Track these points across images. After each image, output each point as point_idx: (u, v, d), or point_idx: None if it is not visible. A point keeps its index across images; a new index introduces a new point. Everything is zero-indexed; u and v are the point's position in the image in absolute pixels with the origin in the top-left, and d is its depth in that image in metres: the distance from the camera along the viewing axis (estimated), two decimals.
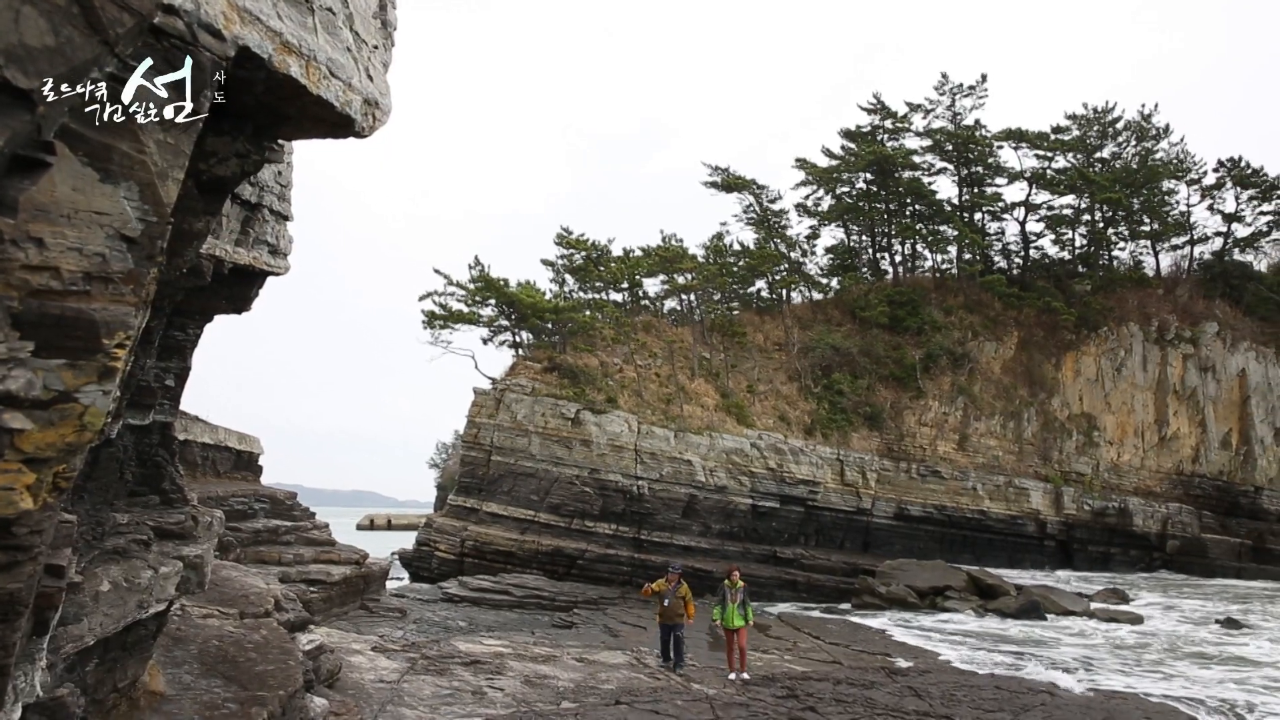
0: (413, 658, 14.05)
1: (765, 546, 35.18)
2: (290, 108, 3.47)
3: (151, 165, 2.74)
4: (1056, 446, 45.86)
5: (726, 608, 14.24)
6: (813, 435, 39.21)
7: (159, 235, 2.81)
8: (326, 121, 3.61)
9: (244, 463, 25.56)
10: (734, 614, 14.15)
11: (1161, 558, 44.60)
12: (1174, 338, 49.60)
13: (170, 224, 2.89)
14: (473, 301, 38.87)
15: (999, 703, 13.07)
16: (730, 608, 14.18)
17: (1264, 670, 18.34)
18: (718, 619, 14.39)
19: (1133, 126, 54.41)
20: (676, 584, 14.44)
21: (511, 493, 33.72)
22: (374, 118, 3.80)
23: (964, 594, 29.77)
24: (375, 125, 3.82)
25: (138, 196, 2.73)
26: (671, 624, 14.36)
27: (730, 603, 14.21)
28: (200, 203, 3.70)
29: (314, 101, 3.42)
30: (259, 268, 6.84)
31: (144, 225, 2.74)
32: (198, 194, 3.64)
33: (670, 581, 14.50)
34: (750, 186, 50.14)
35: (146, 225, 2.75)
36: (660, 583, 14.65)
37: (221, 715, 5.52)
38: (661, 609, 14.41)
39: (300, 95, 3.36)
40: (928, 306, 46.73)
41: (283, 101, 3.41)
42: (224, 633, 7.35)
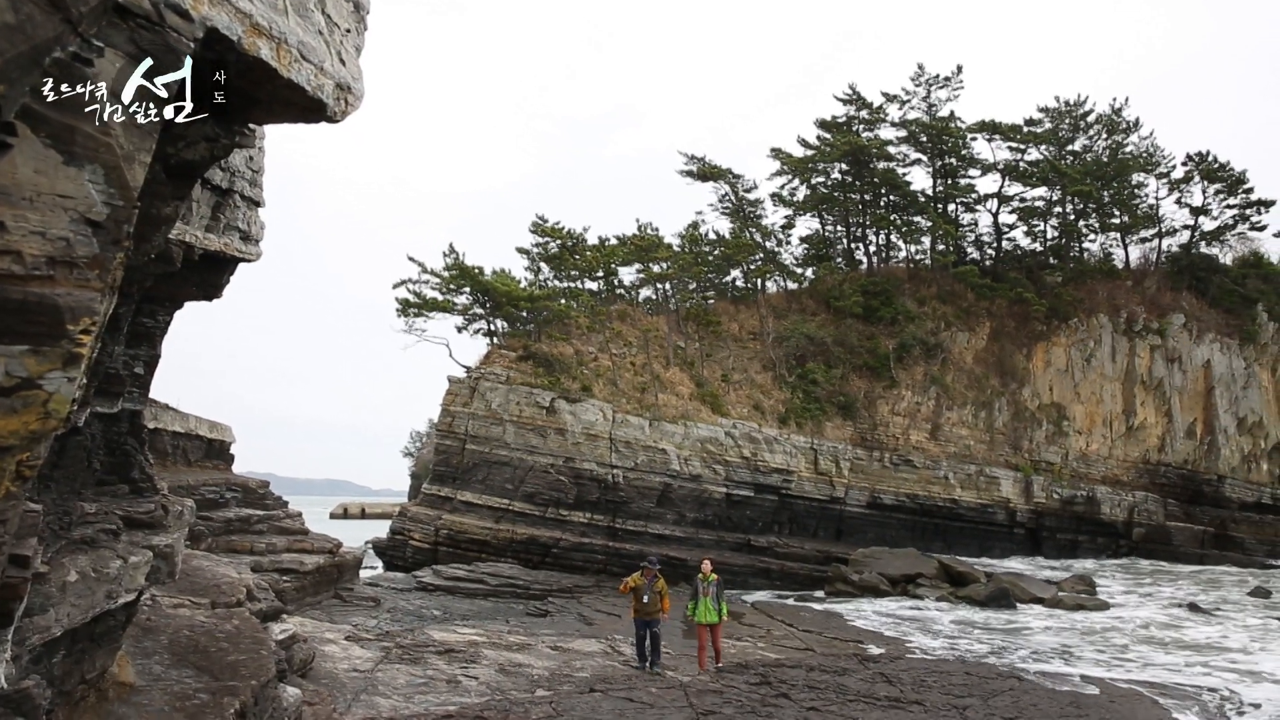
0: (387, 647, 14.00)
1: (739, 535, 35.36)
2: (261, 91, 3.42)
3: (117, 148, 2.68)
4: (1027, 436, 46.43)
5: (700, 602, 13.82)
6: (787, 424, 39.41)
7: (125, 219, 2.75)
8: (298, 106, 3.56)
9: (215, 451, 25.31)
10: (708, 609, 13.77)
11: (1127, 545, 45.34)
12: (1142, 329, 50.31)
13: (137, 208, 2.84)
14: (447, 289, 38.66)
15: (968, 688, 13.25)
16: (704, 602, 13.78)
17: (1225, 655, 18.72)
18: (692, 614, 14.01)
19: (1104, 120, 55.01)
20: (653, 579, 13.83)
21: (486, 481, 33.64)
22: (346, 102, 3.75)
23: (935, 581, 30.09)
24: (348, 110, 3.77)
25: (103, 180, 2.68)
26: (649, 620, 13.71)
27: (703, 597, 13.81)
28: (169, 187, 3.64)
29: (285, 85, 3.37)
30: (230, 254, 6.76)
31: (110, 209, 2.69)
32: (166, 178, 3.58)
33: (647, 576, 13.88)
34: (726, 176, 50.16)
35: (112, 209, 2.69)
36: (636, 577, 13.97)
37: (193, 706, 5.47)
38: (638, 605, 13.74)
39: (271, 79, 3.31)
40: (901, 297, 47.06)
41: (253, 85, 3.35)
42: (195, 623, 7.28)
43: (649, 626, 13.68)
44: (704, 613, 13.78)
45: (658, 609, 13.68)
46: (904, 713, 11.59)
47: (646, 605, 13.60)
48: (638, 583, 13.80)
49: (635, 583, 13.84)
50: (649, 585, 13.69)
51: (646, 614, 13.65)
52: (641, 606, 13.65)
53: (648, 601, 13.59)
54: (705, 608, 13.78)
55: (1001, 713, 11.89)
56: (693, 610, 13.93)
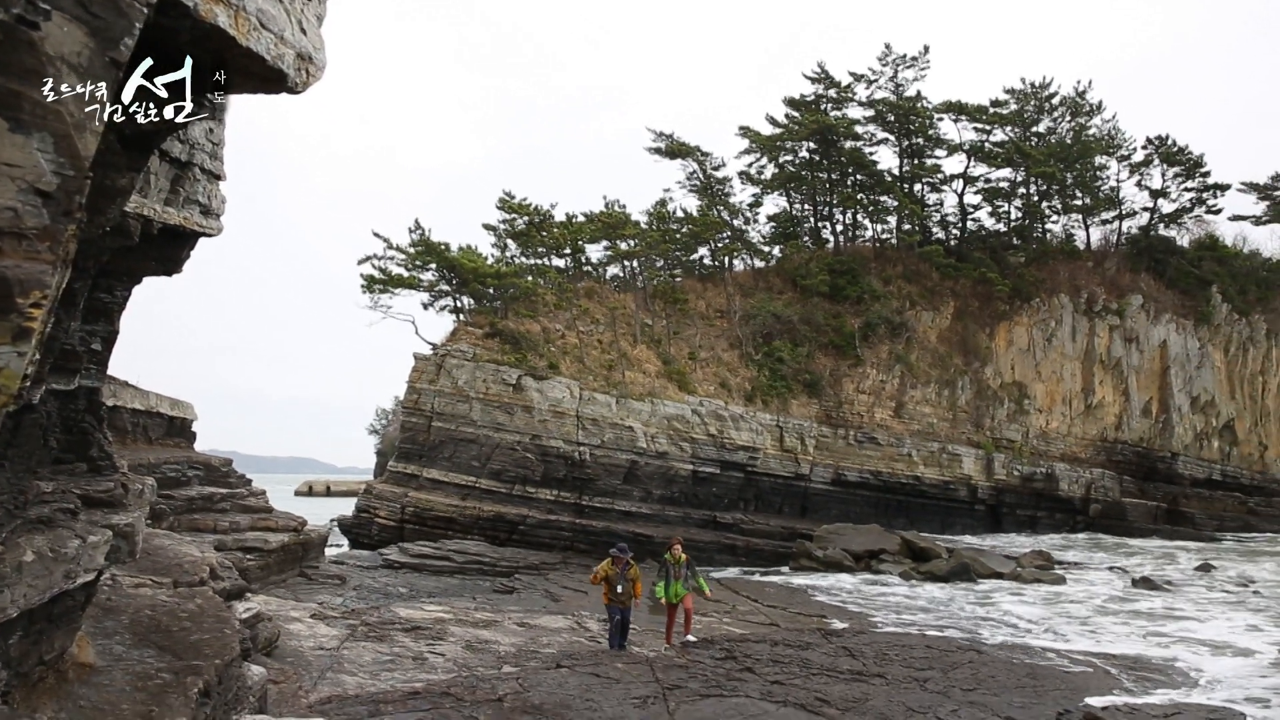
0: (353, 624, 13.96)
1: (705, 512, 35.62)
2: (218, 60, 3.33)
3: (67, 116, 2.60)
4: (989, 414, 47.15)
5: (670, 584, 13.52)
6: (753, 402, 39.66)
7: (77, 190, 2.68)
8: (257, 76, 3.48)
9: (177, 429, 24.93)
10: (677, 589, 13.58)
11: (1085, 521, 46.36)
12: (1101, 309, 51.20)
13: (89, 178, 2.76)
14: (413, 266, 38.27)
15: (929, 661, 13.50)
16: (674, 585, 13.52)
17: (1175, 625, 19.25)
18: (661, 596, 13.73)
19: (1067, 102, 55.57)
20: (625, 566, 13.31)
21: (452, 459, 33.52)
22: (308, 73, 3.67)
23: (898, 557, 30.55)
24: (309, 81, 3.69)
25: (52, 148, 2.60)
26: (622, 608, 13.28)
27: (674, 579, 13.51)
28: (123, 158, 3.54)
29: (243, 54, 3.28)
30: (190, 228, 6.62)
31: (60, 179, 2.61)
32: (120, 148, 3.48)
33: (618, 565, 13.29)
34: (694, 153, 50.02)
35: (63, 179, 2.62)
36: (606, 566, 13.35)
37: (155, 686, 5.42)
38: (611, 595, 13.23)
39: (229, 47, 3.22)
40: (867, 276, 47.40)
41: (210, 54, 3.27)
42: (157, 602, 7.19)
43: (623, 613, 13.32)
44: (673, 592, 13.57)
45: (630, 597, 13.27)
46: (866, 685, 11.79)
47: (620, 595, 13.15)
48: (609, 572, 13.24)
49: (606, 572, 13.28)
50: (621, 574, 13.20)
51: (620, 603, 13.21)
52: (615, 596, 13.18)
53: (621, 592, 13.14)
54: (675, 588, 13.53)
55: (961, 684, 12.13)
56: (661, 592, 13.63)
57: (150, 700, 5.17)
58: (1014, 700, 11.49)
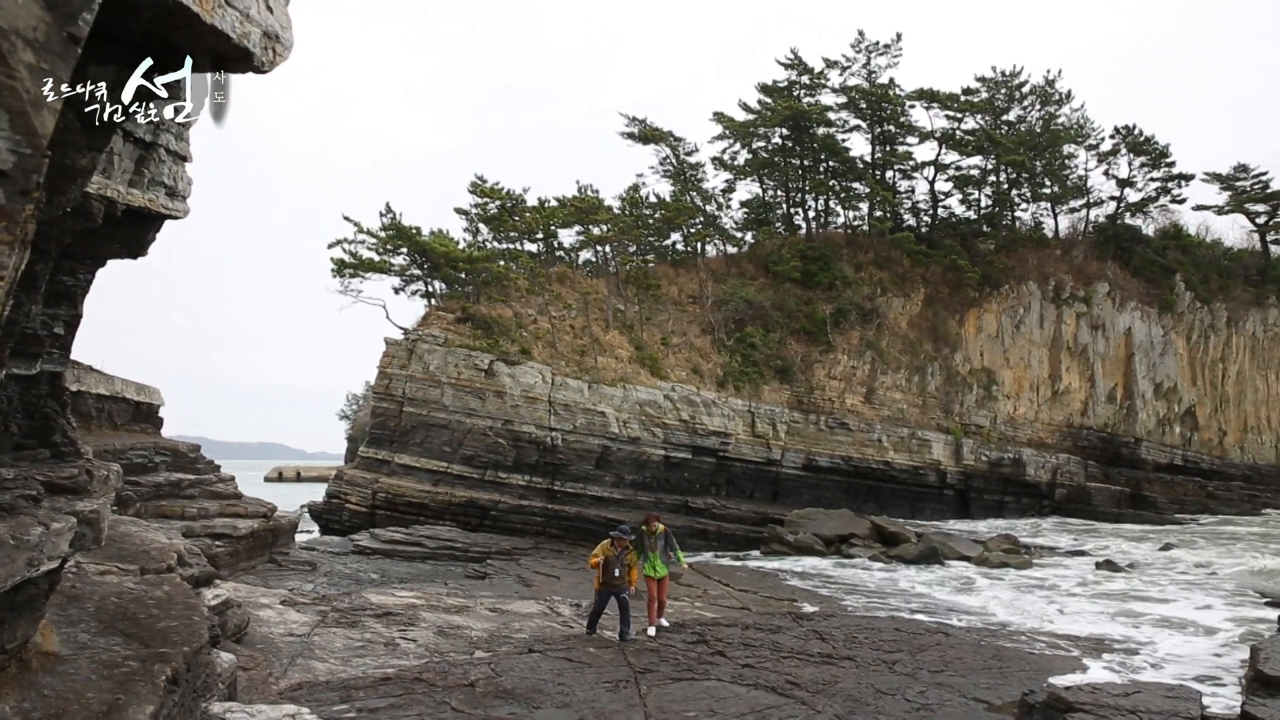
0: (323, 610, 13.88)
1: (677, 497, 35.75)
2: (183, 38, 3.25)
3: (23, 92, 2.53)
4: (958, 400, 47.66)
5: (647, 557, 13.39)
6: (725, 388, 39.80)
7: (34, 169, 2.61)
8: (223, 54, 3.40)
9: (143, 414, 24.60)
10: (655, 562, 13.45)
11: (1051, 505, 47.09)
12: (1069, 297, 51.86)
13: (47, 157, 2.69)
14: (384, 250, 37.90)
15: (898, 643, 13.67)
16: (652, 557, 13.42)
17: (1135, 605, 19.64)
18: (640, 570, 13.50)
19: (1038, 91, 56.01)
20: (624, 550, 12.88)
21: (424, 444, 33.36)
22: (274, 52, 3.61)
23: (868, 541, 30.88)
24: (276, 60, 3.62)
25: (8, 126, 2.53)
26: (616, 591, 12.78)
27: (651, 552, 13.41)
28: (84, 137, 3.46)
29: (208, 32, 3.21)
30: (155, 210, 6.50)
31: (16, 157, 2.54)
32: (80, 127, 3.40)
33: (618, 547, 12.84)
34: (667, 139, 49.91)
35: (19, 158, 2.55)
36: (605, 546, 12.86)
37: (121, 674, 5.36)
38: (606, 578, 12.76)
39: (193, 24, 3.15)
40: (839, 262, 47.62)
41: (173, 30, 3.19)
42: (123, 590, 7.11)
43: (614, 594, 12.81)
44: (652, 567, 13.46)
45: (625, 582, 12.84)
46: (836, 668, 11.92)
47: (615, 579, 12.69)
48: (608, 554, 12.75)
49: (605, 553, 12.76)
50: (619, 557, 12.76)
51: (613, 587, 12.75)
52: (610, 580, 12.69)
53: (617, 575, 12.69)
54: (653, 561, 13.46)
55: (929, 666, 12.31)
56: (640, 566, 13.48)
57: (117, 688, 5.11)
58: (980, 681, 11.67)
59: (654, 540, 13.56)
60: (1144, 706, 8.96)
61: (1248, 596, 20.80)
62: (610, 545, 12.84)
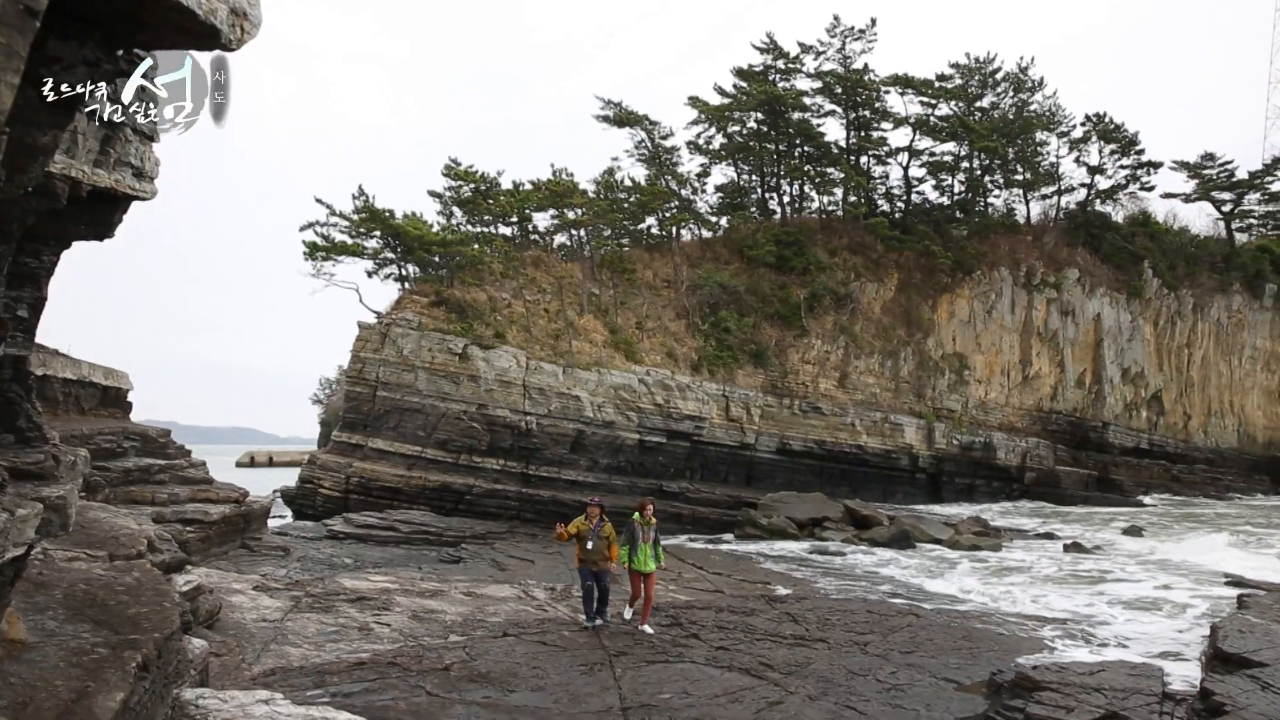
0: (297, 596, 13.81)
1: (652, 481, 35.86)
2: (147, 14, 3.19)
3: None
4: (930, 384, 48.10)
5: (638, 548, 12.12)
6: (699, 372, 39.89)
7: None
8: (189, 32, 3.33)
9: (111, 399, 24.26)
10: (646, 556, 12.15)
11: (1020, 488, 47.76)
12: (1040, 283, 52.43)
13: (6, 134, 2.63)
14: (357, 233, 37.51)
15: (869, 625, 13.83)
16: (643, 549, 12.13)
17: (1102, 586, 20.01)
18: (626, 561, 12.20)
19: (1011, 78, 56.28)
20: (599, 521, 12.06)
21: (398, 428, 33.19)
22: (242, 29, 3.54)
23: (841, 524, 31.17)
24: (244, 38, 3.55)
25: None
26: (597, 571, 12.04)
27: (642, 543, 12.13)
28: (46, 115, 3.38)
29: (173, 8, 3.14)
30: (121, 191, 6.38)
31: None
32: (42, 105, 3.32)
33: (591, 519, 12.06)
34: (642, 122, 49.70)
35: None
36: (579, 521, 12.16)
37: (91, 661, 5.30)
38: (582, 553, 11.99)
39: (158, 0, 3.09)
40: (813, 247, 47.76)
41: (138, 7, 3.12)
42: (92, 576, 7.02)
43: (597, 578, 12.08)
44: (642, 560, 12.16)
45: (605, 557, 12.03)
46: (809, 649, 12.04)
47: (591, 552, 11.94)
48: (581, 528, 12.01)
49: (578, 528, 12.04)
50: (595, 530, 11.97)
51: (592, 562, 11.98)
52: (586, 554, 11.96)
53: (593, 548, 11.92)
54: (644, 554, 12.17)
55: (900, 647, 12.47)
56: (627, 557, 12.18)
57: (86, 676, 5.06)
58: (950, 661, 11.85)
59: (647, 531, 12.24)
60: (1108, 684, 9.15)
61: (1209, 577, 21.24)
62: (584, 520, 12.13)
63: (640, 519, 12.27)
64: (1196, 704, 8.12)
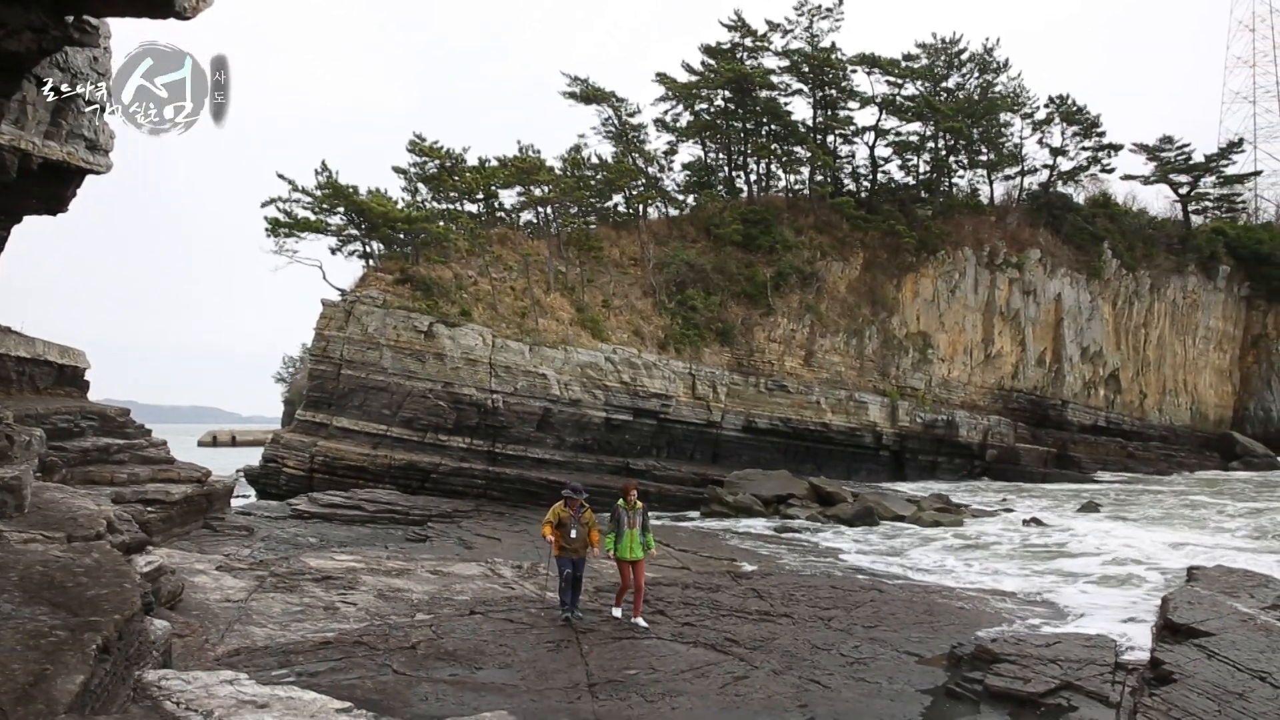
0: (261, 576, 13.70)
1: (618, 458, 35.96)
2: None
3: None
4: (894, 363, 48.61)
5: (623, 535, 11.48)
6: (666, 350, 39.96)
7: None
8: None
9: (67, 378, 23.73)
10: (633, 543, 11.49)
11: (981, 465, 48.54)
12: (1002, 263, 53.07)
13: None
14: (320, 209, 36.91)
15: (833, 600, 14.04)
16: (629, 535, 11.47)
17: (1059, 560, 20.47)
18: (611, 549, 11.59)
19: (976, 59, 56.66)
20: (580, 509, 11.65)
21: (363, 407, 32.91)
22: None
23: (805, 502, 31.49)
24: (199, 6, 3.47)
25: None
26: (576, 559, 11.58)
27: (628, 529, 11.48)
28: None
29: None
30: (75, 164, 6.24)
31: None
32: None
33: (572, 507, 11.63)
34: (609, 99, 49.35)
35: None
36: (559, 509, 11.66)
37: (49, 644, 5.23)
38: (564, 542, 11.47)
39: None
40: (780, 226, 47.89)
41: None
42: (49, 558, 6.91)
43: (575, 566, 11.62)
44: (628, 547, 11.49)
45: (585, 545, 11.59)
46: (774, 625, 12.20)
47: (574, 542, 11.46)
48: (562, 515, 11.59)
49: (559, 515, 11.61)
50: (575, 517, 11.57)
51: (573, 551, 11.51)
52: (568, 543, 11.45)
53: (575, 537, 11.45)
54: (630, 541, 11.48)
55: (863, 621, 12.67)
56: (612, 545, 11.53)
57: (44, 659, 4.99)
58: (912, 635, 12.07)
59: (633, 516, 11.59)
60: (1064, 655, 9.38)
61: (1162, 551, 21.78)
62: (564, 506, 11.67)
63: (625, 504, 11.67)
64: (1147, 673, 8.36)
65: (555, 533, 11.54)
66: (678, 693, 9.04)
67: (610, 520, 11.68)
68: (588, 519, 11.67)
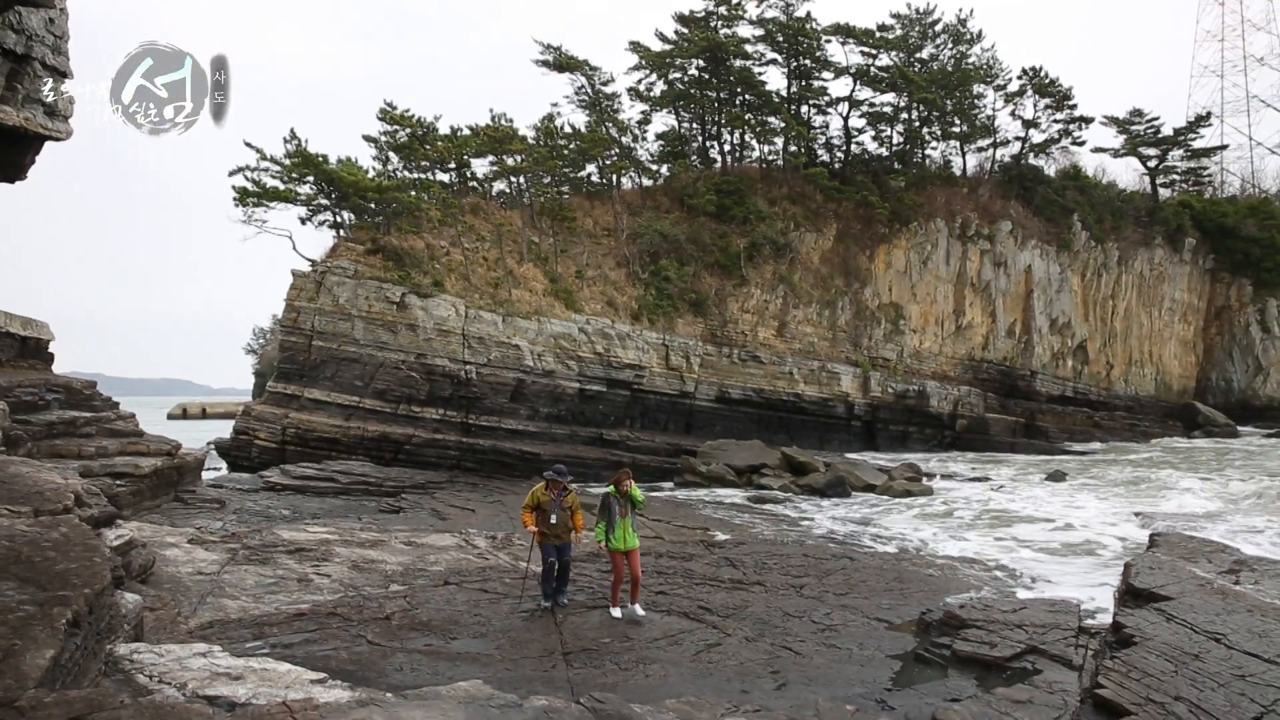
0: (233, 548, 13.64)
1: (592, 429, 36.04)
2: None
3: None
4: (866, 334, 48.92)
5: (615, 525, 10.54)
6: (639, 320, 39.94)
7: None
8: None
9: (30, 350, 23.34)
10: (626, 532, 10.60)
11: (952, 435, 49.14)
12: (974, 234, 53.40)
13: None
14: (289, 178, 36.31)
15: (805, 568, 14.23)
16: (622, 524, 10.56)
17: (1025, 528, 20.87)
18: (602, 540, 10.61)
19: (950, 30, 56.58)
20: (561, 493, 10.93)
21: (335, 378, 32.68)
22: None
23: (778, 471, 31.78)
24: None
25: None
26: (559, 545, 10.89)
27: (620, 518, 10.56)
28: None
29: None
30: (33, 130, 6.08)
31: None
32: None
33: (554, 490, 10.91)
34: (583, 68, 48.86)
35: None
36: (540, 491, 10.92)
37: (17, 619, 5.19)
38: (545, 527, 10.76)
39: None
40: (753, 196, 47.81)
41: None
42: (15, 532, 6.83)
43: (560, 552, 10.93)
44: (621, 537, 10.57)
45: (569, 530, 10.91)
46: (746, 593, 12.35)
47: (555, 526, 10.78)
48: (542, 498, 10.85)
49: (539, 499, 10.86)
50: (557, 501, 10.84)
51: (555, 537, 10.83)
52: (550, 529, 10.76)
53: (556, 522, 10.76)
54: (622, 531, 10.58)
55: (834, 589, 12.86)
56: (602, 535, 10.62)
57: (12, 634, 4.95)
58: (882, 602, 12.27)
59: (625, 504, 10.70)
60: (1030, 620, 9.58)
61: (1126, 518, 22.26)
62: (545, 489, 10.93)
63: (616, 492, 10.74)
64: (1109, 636, 8.56)
65: (537, 519, 10.83)
66: (651, 660, 9.15)
67: (600, 510, 10.80)
68: (570, 502, 10.95)
